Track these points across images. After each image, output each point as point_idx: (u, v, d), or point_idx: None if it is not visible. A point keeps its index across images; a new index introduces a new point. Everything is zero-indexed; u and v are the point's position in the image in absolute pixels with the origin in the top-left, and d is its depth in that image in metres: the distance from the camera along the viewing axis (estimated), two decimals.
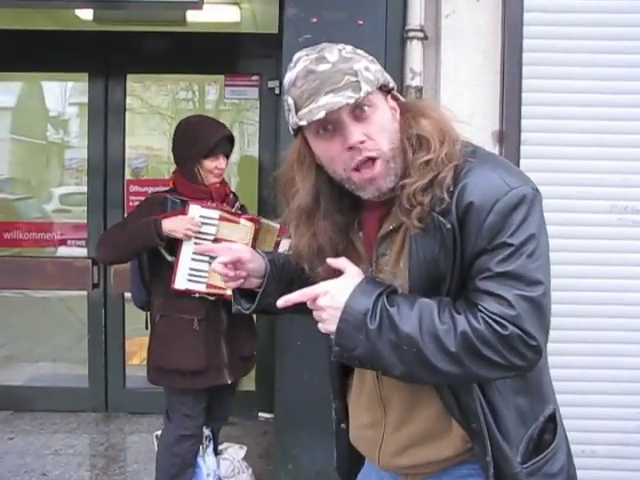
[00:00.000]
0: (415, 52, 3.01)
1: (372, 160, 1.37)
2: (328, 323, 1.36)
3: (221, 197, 3.11)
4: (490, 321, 1.30)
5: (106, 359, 4.79)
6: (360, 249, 1.51)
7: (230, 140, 3.10)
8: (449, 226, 1.34)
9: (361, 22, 2.96)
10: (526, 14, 2.97)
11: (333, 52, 1.37)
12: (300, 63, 1.39)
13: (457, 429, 1.46)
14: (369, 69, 1.37)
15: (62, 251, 5.00)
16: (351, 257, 1.46)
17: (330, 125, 1.36)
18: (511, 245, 1.31)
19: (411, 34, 3.00)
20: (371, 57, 1.43)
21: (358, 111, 1.36)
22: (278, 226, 3.07)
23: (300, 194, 1.47)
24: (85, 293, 4.79)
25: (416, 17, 3.01)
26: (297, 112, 1.37)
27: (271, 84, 4.67)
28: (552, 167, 2.99)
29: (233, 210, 3.14)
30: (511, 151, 2.95)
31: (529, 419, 1.48)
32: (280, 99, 3.59)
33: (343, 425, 1.71)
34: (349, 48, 1.40)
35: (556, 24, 2.99)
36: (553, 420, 1.54)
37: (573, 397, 2.94)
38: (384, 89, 1.43)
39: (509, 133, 2.98)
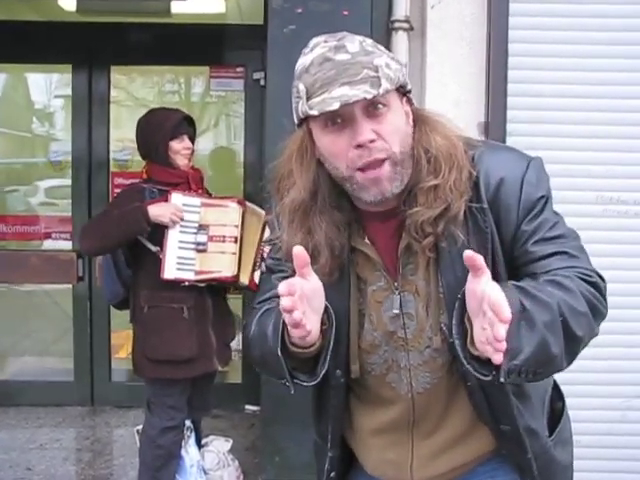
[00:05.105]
0: (401, 43, 3.00)
1: (380, 161, 1.28)
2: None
3: (197, 181, 3.18)
4: (582, 275, 1.34)
5: (92, 352, 4.78)
6: (375, 258, 1.41)
7: (189, 122, 3.20)
8: (485, 206, 1.35)
9: (346, 13, 2.95)
10: (512, 5, 2.97)
11: (354, 42, 1.28)
12: (317, 49, 1.29)
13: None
14: (390, 66, 1.28)
15: (47, 244, 4.97)
16: (363, 265, 1.42)
17: (340, 119, 1.28)
18: (548, 209, 1.39)
19: (397, 25, 2.99)
20: (392, 54, 1.35)
21: (372, 108, 1.27)
22: (263, 212, 3.08)
23: (297, 188, 1.38)
24: (70, 286, 4.77)
25: (402, 8, 3.00)
26: (308, 100, 1.27)
27: (256, 75, 4.64)
28: None
29: (213, 195, 3.20)
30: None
31: (544, 393, 1.54)
32: (265, 91, 3.58)
33: (334, 474, 1.60)
34: (370, 41, 1.31)
35: (542, 15, 2.99)
36: (556, 388, 1.61)
37: None
38: (401, 90, 1.34)
39: (495, 124, 2.98)
